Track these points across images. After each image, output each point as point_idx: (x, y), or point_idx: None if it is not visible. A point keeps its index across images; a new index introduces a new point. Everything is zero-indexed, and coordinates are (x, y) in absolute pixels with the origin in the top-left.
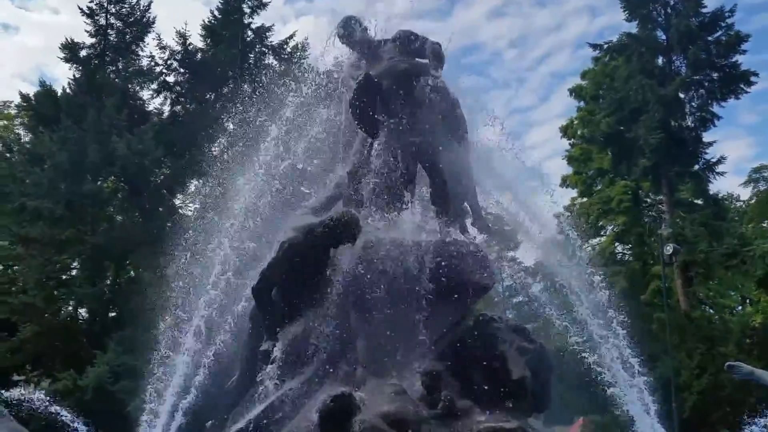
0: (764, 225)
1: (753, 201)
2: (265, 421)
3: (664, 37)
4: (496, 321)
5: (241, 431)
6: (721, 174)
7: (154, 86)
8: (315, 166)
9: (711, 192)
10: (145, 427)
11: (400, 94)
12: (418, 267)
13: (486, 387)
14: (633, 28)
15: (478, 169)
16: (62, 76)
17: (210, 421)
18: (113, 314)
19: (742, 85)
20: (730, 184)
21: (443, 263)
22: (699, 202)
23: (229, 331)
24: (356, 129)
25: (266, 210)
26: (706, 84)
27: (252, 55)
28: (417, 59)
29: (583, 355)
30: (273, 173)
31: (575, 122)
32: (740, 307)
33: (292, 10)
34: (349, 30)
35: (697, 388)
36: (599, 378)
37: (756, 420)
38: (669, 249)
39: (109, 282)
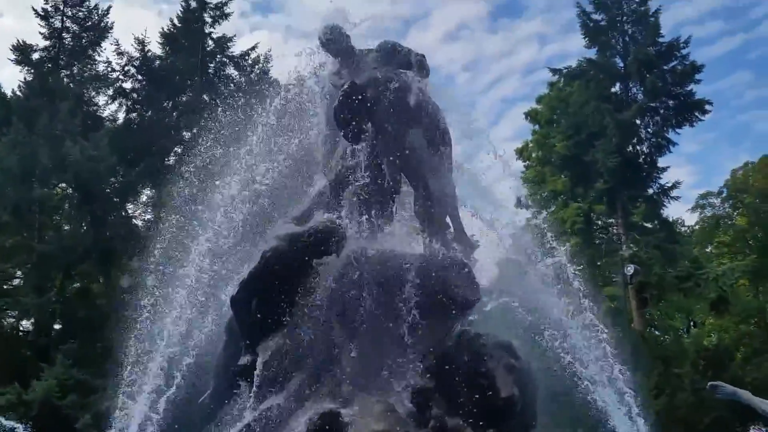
0: (707, 250)
1: (698, 227)
2: None
3: (621, 64)
4: (482, 337)
5: None
6: (676, 198)
7: (110, 92)
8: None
9: (663, 216)
10: None
11: (385, 104)
12: (404, 281)
13: (474, 405)
14: (590, 54)
15: None
16: (5, 81)
17: None
18: (59, 326)
19: (696, 113)
20: (674, 209)
21: (430, 277)
22: (649, 225)
23: (199, 345)
24: (337, 138)
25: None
26: (662, 111)
27: (212, 65)
28: (401, 70)
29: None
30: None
31: (530, 145)
32: (687, 330)
33: (247, 24)
34: (333, 38)
35: (653, 409)
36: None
37: None
38: (630, 269)
39: (54, 292)
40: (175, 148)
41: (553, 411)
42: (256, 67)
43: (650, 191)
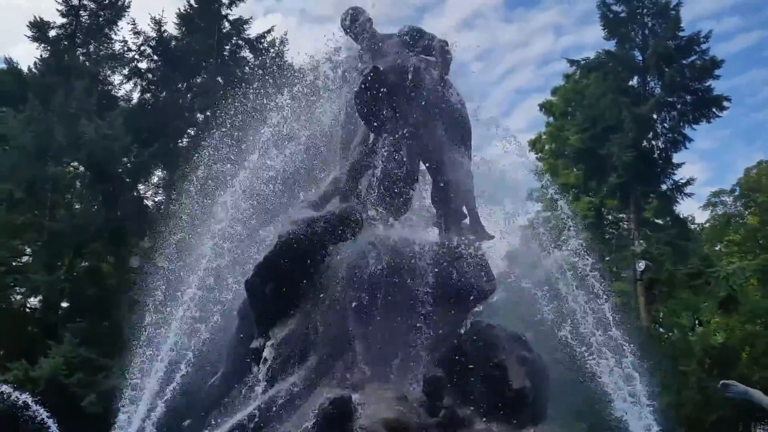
0: (717, 249)
1: (708, 224)
2: (255, 423)
3: (640, 57)
4: (494, 328)
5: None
6: (689, 195)
7: (125, 72)
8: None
9: (675, 213)
10: (123, 423)
11: (407, 90)
12: (419, 269)
13: (485, 396)
14: (606, 46)
15: None
16: (19, 57)
17: (188, 420)
18: (66, 304)
19: (714, 110)
20: (685, 206)
21: (446, 266)
22: (660, 222)
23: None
24: (356, 123)
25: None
26: (679, 106)
27: (228, 47)
28: (424, 56)
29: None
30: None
31: (543, 137)
32: (692, 328)
33: (261, 7)
34: (356, 21)
35: (659, 407)
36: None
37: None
38: (641, 266)
39: (64, 270)
40: (189, 130)
41: (561, 401)
42: (272, 50)
43: (664, 187)
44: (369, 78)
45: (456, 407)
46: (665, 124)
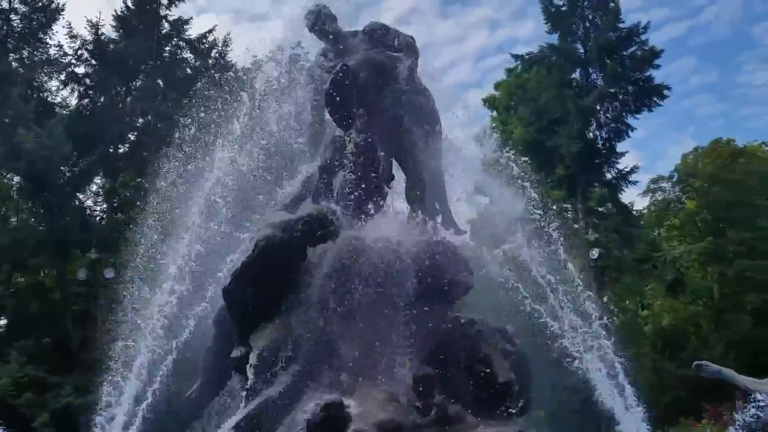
0: (658, 233)
1: (648, 210)
2: None
3: (582, 50)
4: (477, 323)
5: None
6: (634, 183)
7: (62, 77)
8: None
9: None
10: None
11: (377, 87)
12: (400, 268)
13: (472, 391)
14: (544, 39)
15: None
16: None
17: None
18: (7, 321)
19: (655, 98)
20: (625, 194)
21: (427, 263)
22: (602, 209)
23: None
24: (324, 122)
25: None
26: (621, 96)
27: (168, 48)
28: (390, 52)
29: None
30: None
31: (486, 131)
32: (636, 312)
33: (192, 6)
34: (320, 20)
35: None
36: None
37: (746, 409)
38: (594, 253)
39: (3, 286)
40: (129, 135)
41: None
42: (214, 51)
43: (608, 176)
44: (339, 76)
45: (446, 404)
46: (608, 115)
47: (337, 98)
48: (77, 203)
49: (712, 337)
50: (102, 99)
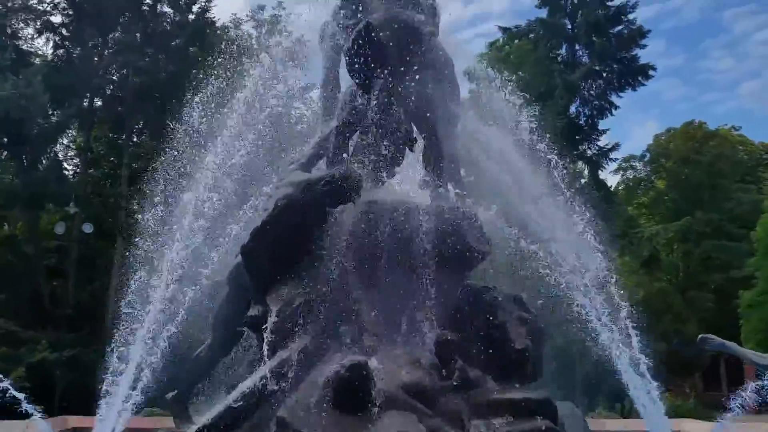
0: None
1: (619, 188)
2: (266, 390)
3: (569, 26)
4: (492, 290)
5: (235, 403)
6: (614, 160)
7: (38, 26)
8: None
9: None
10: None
11: (399, 48)
12: (422, 231)
13: (488, 357)
14: (520, 15)
15: None
16: None
17: (171, 392)
18: None
19: (640, 78)
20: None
21: (447, 228)
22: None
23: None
24: (338, 83)
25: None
26: (605, 74)
27: (147, 1)
28: (412, 12)
29: None
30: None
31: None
32: None
33: None
34: None
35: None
36: None
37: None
38: None
39: None
40: (106, 89)
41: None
42: (195, 6)
43: (589, 153)
44: (362, 34)
45: (467, 369)
46: (591, 92)
47: (360, 57)
48: (53, 156)
49: (685, 312)
50: (78, 50)
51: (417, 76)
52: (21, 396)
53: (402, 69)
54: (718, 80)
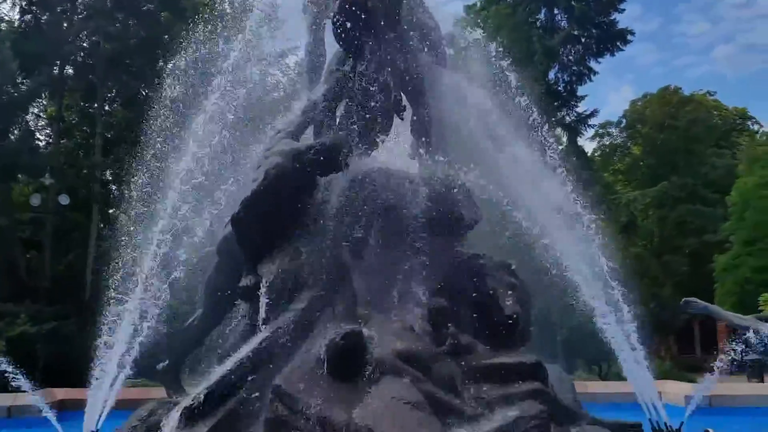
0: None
1: (597, 154)
2: (255, 361)
3: None
4: (481, 257)
5: (230, 372)
6: (592, 126)
7: None
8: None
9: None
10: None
11: (387, 13)
12: (414, 200)
13: (478, 324)
14: None
15: None
16: None
17: (162, 363)
18: None
19: (618, 43)
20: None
21: (438, 197)
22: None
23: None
24: (323, 51)
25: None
26: (584, 39)
27: None
28: None
29: None
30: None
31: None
32: None
33: None
34: None
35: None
36: None
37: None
38: None
39: None
40: (75, 56)
41: None
42: None
43: (567, 119)
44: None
45: (459, 335)
46: (570, 57)
47: (346, 23)
48: (25, 126)
49: (661, 276)
50: (47, 15)
51: (403, 43)
52: (18, 372)
53: (390, 35)
54: (692, 44)
